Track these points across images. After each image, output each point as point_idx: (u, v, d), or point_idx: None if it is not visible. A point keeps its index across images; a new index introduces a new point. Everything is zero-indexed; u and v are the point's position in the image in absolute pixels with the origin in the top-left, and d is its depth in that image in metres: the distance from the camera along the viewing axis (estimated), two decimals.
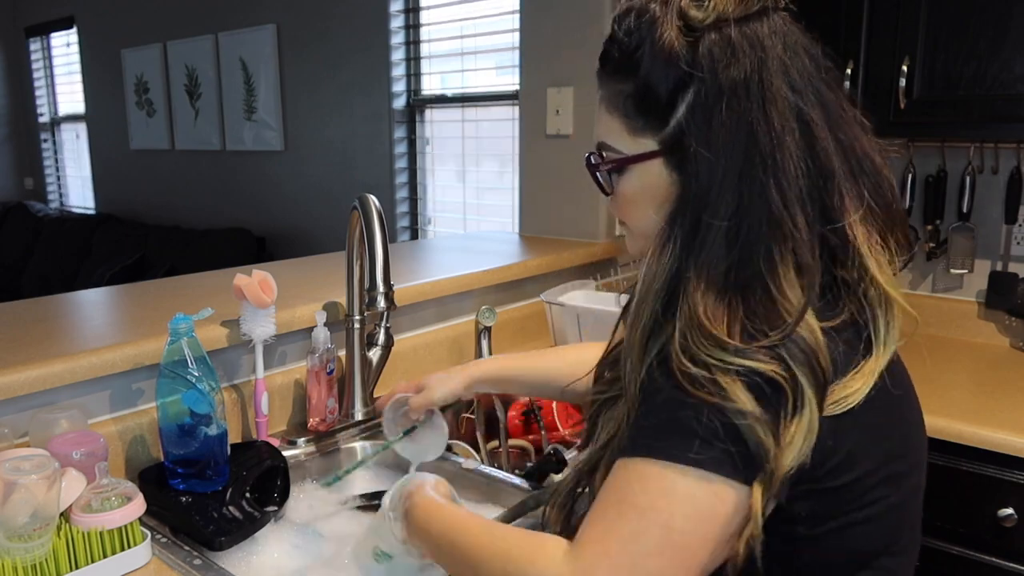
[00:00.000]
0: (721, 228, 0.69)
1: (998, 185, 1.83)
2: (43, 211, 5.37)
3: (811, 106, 0.71)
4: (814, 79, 0.72)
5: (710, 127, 0.70)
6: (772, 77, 0.70)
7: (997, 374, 1.67)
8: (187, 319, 1.10)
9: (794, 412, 0.65)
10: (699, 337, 0.66)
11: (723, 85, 0.69)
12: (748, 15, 0.71)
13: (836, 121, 0.72)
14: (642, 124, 0.75)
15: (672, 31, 0.71)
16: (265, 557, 1.08)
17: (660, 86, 0.72)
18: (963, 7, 1.55)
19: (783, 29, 0.73)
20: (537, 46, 2.29)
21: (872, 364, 0.70)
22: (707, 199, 0.70)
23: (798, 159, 0.69)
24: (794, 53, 0.72)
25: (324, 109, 3.64)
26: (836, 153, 0.71)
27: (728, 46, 0.70)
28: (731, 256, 0.68)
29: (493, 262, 1.90)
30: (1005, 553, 1.38)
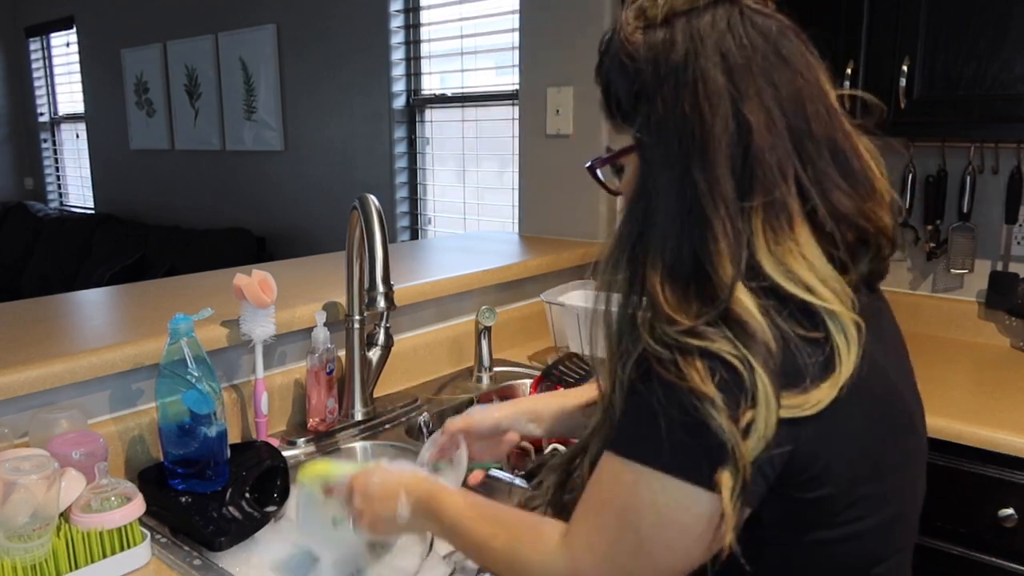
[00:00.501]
0: (662, 208, 0.71)
1: (998, 185, 1.83)
2: (43, 211, 5.37)
3: (750, 90, 0.70)
4: (766, 61, 0.72)
5: (650, 116, 0.73)
6: (705, 63, 0.71)
7: (997, 374, 1.67)
8: (187, 319, 1.10)
9: (751, 396, 0.65)
10: (660, 319, 0.69)
11: (660, 75, 0.72)
12: (695, 6, 0.73)
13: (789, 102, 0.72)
14: (619, 121, 0.78)
15: (631, 31, 0.75)
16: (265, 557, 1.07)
17: (619, 84, 0.76)
18: (963, 7, 1.55)
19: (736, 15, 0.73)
20: (537, 46, 2.29)
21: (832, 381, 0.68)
22: (654, 186, 0.73)
23: (727, 144, 0.70)
24: (740, 31, 0.72)
25: (324, 109, 3.64)
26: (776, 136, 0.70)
27: (670, 38, 0.72)
28: (676, 241, 0.70)
29: (493, 262, 1.90)
30: (1005, 553, 1.38)
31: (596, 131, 2.16)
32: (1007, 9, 1.51)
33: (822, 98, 0.74)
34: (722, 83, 0.70)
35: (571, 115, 2.22)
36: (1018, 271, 1.83)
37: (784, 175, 0.70)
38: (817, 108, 0.73)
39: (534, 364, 1.78)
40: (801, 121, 0.72)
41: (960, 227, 1.85)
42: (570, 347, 1.80)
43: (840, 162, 0.73)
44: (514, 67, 2.67)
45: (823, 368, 0.68)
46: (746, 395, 0.65)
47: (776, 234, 0.70)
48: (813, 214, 0.71)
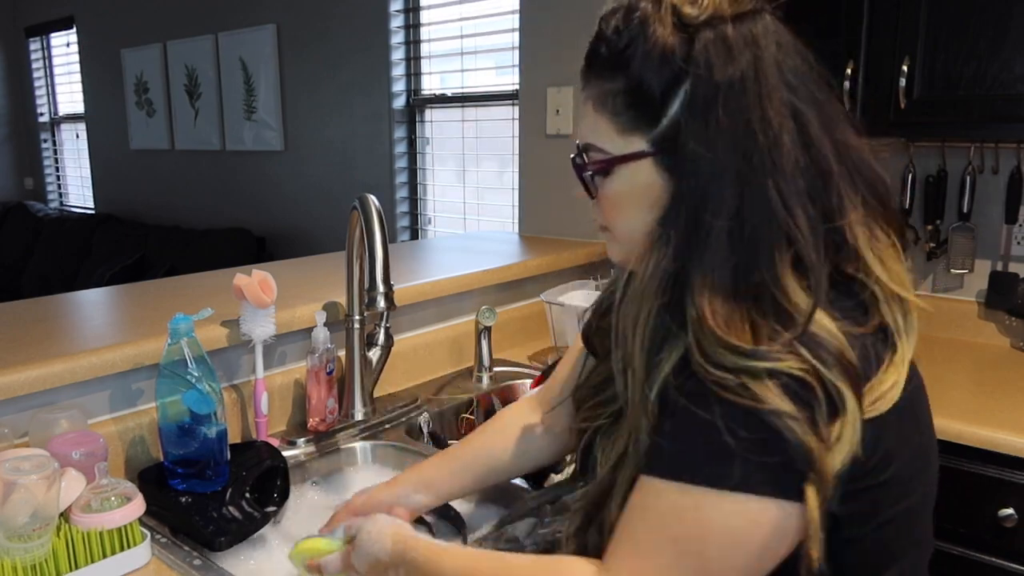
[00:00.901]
0: (722, 228, 0.67)
1: (998, 185, 1.83)
2: (43, 211, 5.37)
3: (806, 104, 0.70)
4: (807, 78, 0.72)
5: (707, 125, 0.68)
6: (768, 74, 0.69)
7: (997, 374, 1.67)
8: (187, 319, 1.10)
9: (831, 408, 0.63)
10: (714, 344, 0.64)
11: (720, 82, 0.68)
12: (742, 13, 0.70)
13: (830, 120, 0.72)
14: (632, 123, 0.73)
15: (665, 28, 0.70)
16: (265, 557, 1.07)
17: (653, 83, 0.70)
18: (963, 7, 1.55)
19: (775, 29, 0.72)
20: (537, 46, 2.29)
21: (899, 357, 0.69)
22: (706, 198, 0.68)
23: (796, 157, 0.68)
24: (787, 52, 0.72)
25: (324, 109, 3.64)
26: (832, 152, 0.71)
27: (724, 43, 0.69)
28: (735, 258, 0.66)
29: (493, 262, 1.90)
30: (1005, 553, 1.38)
31: None
32: (1007, 9, 1.51)
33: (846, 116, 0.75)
34: (786, 97, 0.69)
35: (571, 115, 2.22)
36: (1018, 271, 1.83)
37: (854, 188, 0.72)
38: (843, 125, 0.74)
39: (534, 364, 1.78)
40: (841, 137, 0.73)
41: (960, 227, 1.85)
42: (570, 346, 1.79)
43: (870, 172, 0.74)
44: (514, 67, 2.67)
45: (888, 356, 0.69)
46: (825, 407, 0.63)
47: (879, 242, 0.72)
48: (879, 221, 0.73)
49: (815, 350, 0.64)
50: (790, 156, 0.68)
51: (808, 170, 0.69)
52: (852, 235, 0.71)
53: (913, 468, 0.72)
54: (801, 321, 0.65)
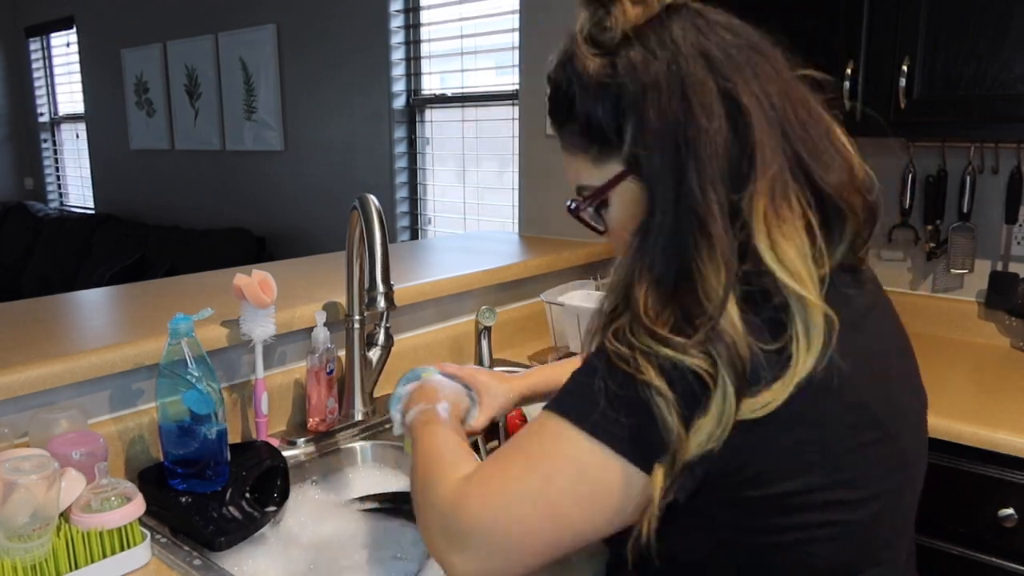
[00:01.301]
0: (660, 224, 0.70)
1: (998, 185, 1.83)
2: (43, 211, 5.37)
3: (736, 81, 0.71)
4: (738, 53, 0.72)
5: (642, 130, 0.71)
6: (687, 64, 0.70)
7: (997, 374, 1.67)
8: (187, 319, 1.10)
9: (705, 399, 0.65)
10: (637, 329, 0.68)
11: (644, 86, 0.71)
12: (651, 19, 0.73)
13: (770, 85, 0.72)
14: (601, 153, 0.77)
15: (590, 59, 0.74)
16: (265, 557, 1.07)
17: (599, 112, 0.74)
18: (963, 7, 1.55)
19: (696, 19, 0.73)
20: (537, 46, 2.29)
21: (792, 370, 0.66)
22: (652, 199, 0.71)
23: (724, 138, 0.69)
24: (711, 33, 0.73)
25: (324, 109, 3.64)
26: (769, 123, 0.70)
27: (642, 50, 0.72)
28: (667, 250, 0.69)
29: (493, 262, 1.90)
30: (1005, 553, 1.38)
31: None
32: (1007, 9, 1.51)
33: (796, 83, 0.75)
34: (710, 80, 0.70)
35: None
36: (1018, 271, 1.83)
37: (782, 157, 0.70)
38: (795, 93, 0.74)
39: (534, 364, 1.78)
40: (788, 107, 0.72)
41: (960, 227, 1.85)
42: (570, 347, 1.80)
43: (822, 143, 0.73)
44: (514, 67, 2.68)
45: (780, 368, 0.66)
46: (704, 403, 0.65)
47: (777, 215, 0.69)
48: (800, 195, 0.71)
49: (715, 343, 0.65)
50: (716, 138, 0.69)
51: (734, 150, 0.69)
52: (749, 206, 0.69)
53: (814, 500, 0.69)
54: (712, 311, 0.66)
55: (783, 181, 0.70)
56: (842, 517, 0.71)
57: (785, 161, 0.70)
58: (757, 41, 0.75)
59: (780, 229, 0.69)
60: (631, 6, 0.73)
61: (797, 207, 0.70)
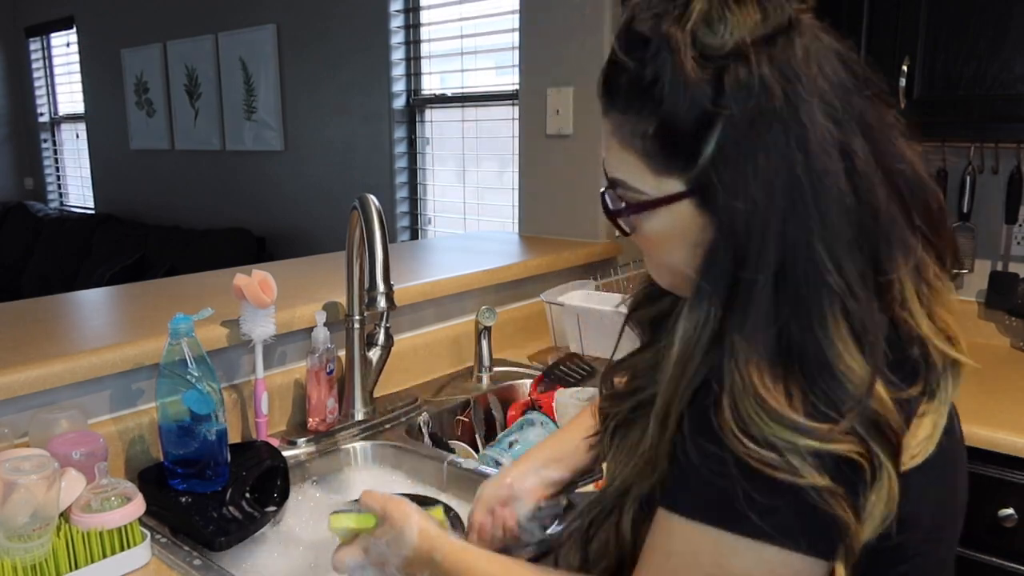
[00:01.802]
0: (764, 285, 0.60)
1: (998, 185, 1.83)
2: (43, 211, 5.37)
3: (853, 135, 0.63)
4: (854, 99, 0.64)
5: (741, 171, 0.61)
6: (808, 110, 0.61)
7: (997, 374, 1.67)
8: (187, 319, 1.10)
9: (873, 484, 0.60)
10: (758, 411, 0.59)
11: (754, 122, 0.61)
12: (773, 34, 0.62)
13: (880, 144, 0.64)
14: (665, 164, 0.66)
15: (692, 61, 0.62)
16: (265, 557, 1.08)
17: (683, 124, 0.63)
18: (963, 7, 1.55)
19: (815, 44, 0.64)
20: (537, 46, 2.29)
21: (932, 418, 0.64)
22: (745, 252, 0.61)
23: (843, 202, 0.61)
24: (831, 72, 0.63)
25: (324, 109, 3.64)
26: (882, 185, 0.63)
27: (755, 79, 0.61)
28: (780, 318, 0.60)
29: (493, 262, 1.90)
30: (1005, 553, 1.38)
31: (596, 131, 2.16)
32: (1007, 9, 1.51)
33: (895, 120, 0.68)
34: (831, 133, 0.61)
35: (571, 115, 2.22)
36: (1018, 271, 1.83)
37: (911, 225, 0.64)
38: (896, 141, 0.67)
39: (534, 364, 1.78)
40: (894, 162, 0.65)
41: (960, 227, 1.85)
42: (570, 347, 1.80)
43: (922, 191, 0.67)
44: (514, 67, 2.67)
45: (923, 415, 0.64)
46: (866, 483, 0.60)
47: (930, 285, 0.65)
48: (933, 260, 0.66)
49: (863, 422, 0.59)
50: (837, 202, 0.61)
51: (855, 213, 0.62)
52: (900, 284, 0.64)
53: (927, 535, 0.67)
54: (857, 393, 0.59)
55: (922, 257, 0.64)
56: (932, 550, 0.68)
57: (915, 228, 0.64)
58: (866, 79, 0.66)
59: (934, 298, 0.65)
60: (751, 14, 0.62)
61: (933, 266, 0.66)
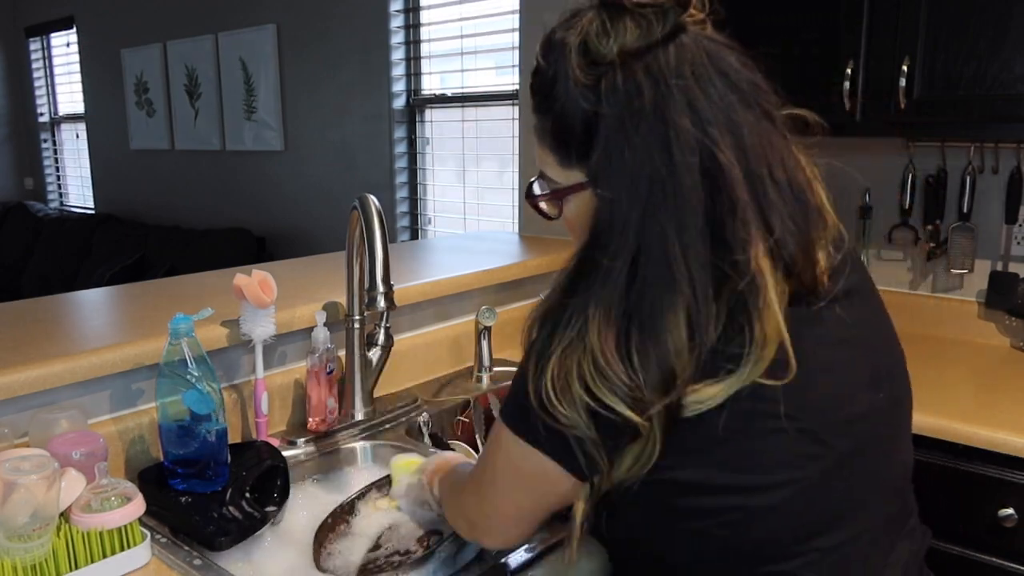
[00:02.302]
0: (620, 269, 0.69)
1: (998, 185, 1.83)
2: (43, 211, 5.37)
3: (719, 139, 0.69)
4: (727, 103, 0.70)
5: (611, 165, 0.70)
6: (674, 112, 0.69)
7: (997, 374, 1.67)
8: (187, 319, 1.10)
9: (632, 444, 0.71)
10: (588, 365, 0.68)
11: (624, 122, 0.69)
12: (651, 44, 0.70)
13: (751, 148, 0.71)
14: (567, 158, 0.77)
15: (580, 67, 0.72)
16: (265, 557, 1.07)
17: (572, 122, 0.73)
18: (963, 7, 1.55)
19: (692, 52, 0.71)
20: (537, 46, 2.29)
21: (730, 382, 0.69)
22: (609, 237, 0.71)
23: (701, 197, 0.68)
24: (703, 79, 0.70)
25: (324, 109, 3.64)
26: (745, 185, 0.69)
27: (630, 82, 0.70)
28: (630, 296, 0.69)
29: (493, 262, 1.90)
30: (1005, 553, 1.38)
31: None
32: (1007, 9, 1.51)
33: (778, 132, 0.74)
34: (694, 135, 0.69)
35: None
36: (1018, 271, 1.83)
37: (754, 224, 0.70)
38: (775, 146, 0.73)
39: None
40: (764, 165, 0.71)
41: (960, 227, 1.85)
42: None
43: (798, 199, 0.73)
44: (514, 67, 2.67)
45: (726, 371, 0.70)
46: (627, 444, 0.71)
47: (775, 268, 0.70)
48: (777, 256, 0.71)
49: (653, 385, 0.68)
50: (691, 196, 0.68)
51: (714, 207, 0.68)
52: (757, 266, 0.69)
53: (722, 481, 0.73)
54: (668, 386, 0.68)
55: (767, 246, 0.70)
56: (743, 502, 0.73)
57: (757, 227, 0.70)
58: (748, 90, 0.72)
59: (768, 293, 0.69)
60: (633, 27, 0.71)
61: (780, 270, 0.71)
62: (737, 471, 0.73)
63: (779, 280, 0.71)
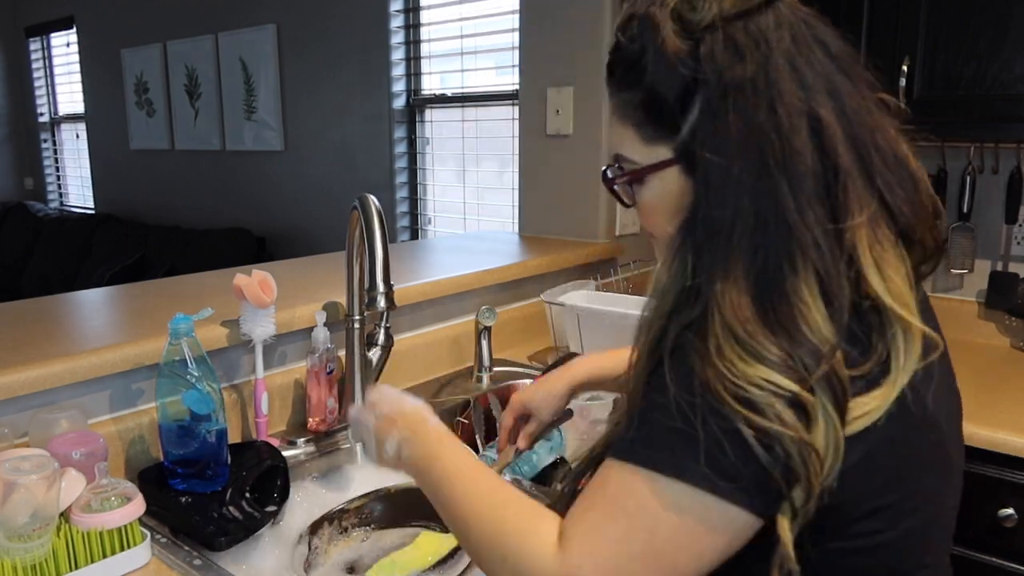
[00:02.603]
0: (740, 235, 0.66)
1: (998, 185, 1.83)
2: (43, 211, 5.37)
3: (822, 102, 0.68)
4: (827, 70, 0.70)
5: (716, 131, 0.68)
6: (778, 76, 0.67)
7: (997, 374, 1.67)
8: (187, 319, 1.10)
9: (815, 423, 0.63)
10: (733, 344, 0.63)
11: (728, 87, 0.67)
12: (750, 9, 0.69)
13: (853, 114, 0.69)
14: (654, 132, 0.73)
15: (673, 35, 0.69)
16: (265, 557, 1.07)
17: (667, 92, 0.70)
18: (963, 7, 1.55)
19: (790, 19, 0.70)
20: (537, 46, 2.29)
21: (890, 381, 0.66)
22: (721, 206, 0.67)
23: (810, 160, 0.66)
24: (803, 45, 0.69)
25: (324, 109, 3.64)
26: (850, 149, 0.68)
27: (731, 46, 0.68)
28: (755, 264, 0.65)
29: (493, 262, 1.90)
30: (1005, 553, 1.38)
31: (596, 131, 2.16)
32: (1007, 9, 1.51)
33: (875, 104, 0.73)
34: (799, 97, 0.67)
35: (571, 115, 2.22)
36: (1018, 271, 1.83)
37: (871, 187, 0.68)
38: (874, 116, 0.72)
39: (534, 364, 1.78)
40: (866, 133, 0.70)
41: (960, 227, 1.85)
42: (570, 347, 1.79)
43: (900, 169, 0.72)
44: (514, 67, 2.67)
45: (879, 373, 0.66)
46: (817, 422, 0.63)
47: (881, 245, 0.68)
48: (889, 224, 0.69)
49: (812, 368, 0.62)
50: (802, 159, 0.66)
51: (823, 172, 0.67)
52: (852, 237, 0.67)
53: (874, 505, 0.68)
54: (821, 350, 0.63)
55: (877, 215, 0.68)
56: (897, 521, 0.69)
57: (874, 190, 0.68)
58: (845, 60, 0.72)
59: (885, 259, 0.68)
60: None
61: (891, 235, 0.69)
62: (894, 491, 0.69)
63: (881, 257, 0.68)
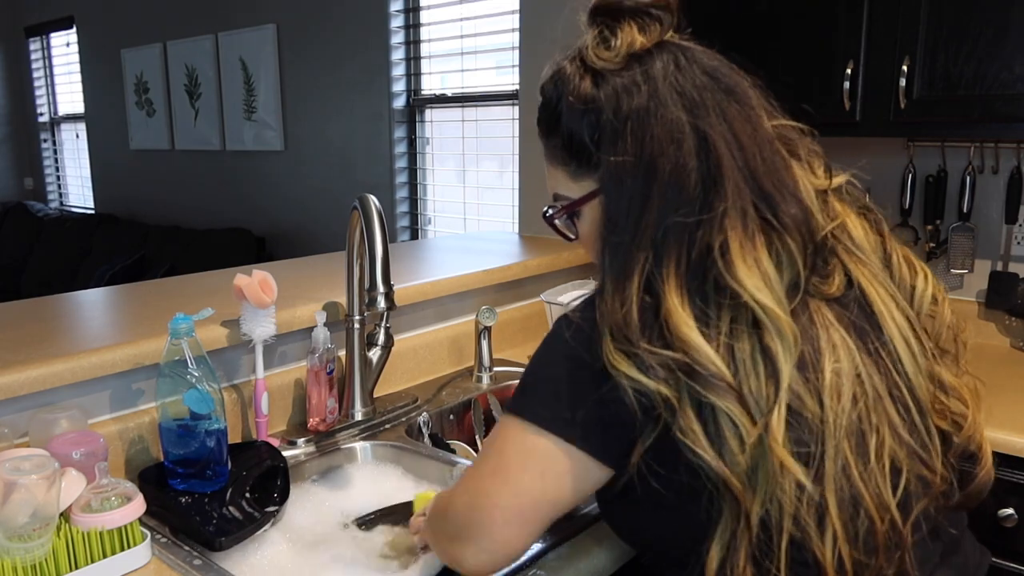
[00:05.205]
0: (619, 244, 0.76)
1: (998, 185, 1.83)
2: (43, 211, 5.37)
3: (713, 121, 0.77)
4: (713, 93, 0.78)
5: (615, 155, 0.77)
6: (663, 101, 0.77)
7: (997, 374, 1.67)
8: (187, 319, 1.10)
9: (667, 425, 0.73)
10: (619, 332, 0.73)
11: (625, 115, 0.77)
12: (641, 53, 0.80)
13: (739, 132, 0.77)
14: (578, 168, 0.84)
15: (581, 81, 0.81)
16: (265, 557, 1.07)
17: (582, 131, 0.81)
18: (963, 7, 1.55)
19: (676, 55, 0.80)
20: (537, 46, 2.29)
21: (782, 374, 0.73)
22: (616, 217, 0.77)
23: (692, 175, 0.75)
24: (687, 72, 0.79)
25: (324, 109, 3.64)
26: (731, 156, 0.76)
27: (626, 84, 0.79)
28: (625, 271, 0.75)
29: (493, 262, 1.90)
30: (1005, 553, 1.38)
31: None
32: (1007, 9, 1.50)
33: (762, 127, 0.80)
34: (684, 118, 0.76)
35: None
36: (1018, 271, 1.83)
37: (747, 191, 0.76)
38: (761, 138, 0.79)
39: None
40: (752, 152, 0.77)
41: (960, 227, 1.85)
42: None
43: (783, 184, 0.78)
44: (514, 67, 2.67)
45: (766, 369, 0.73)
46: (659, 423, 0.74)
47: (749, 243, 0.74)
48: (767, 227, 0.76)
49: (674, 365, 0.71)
50: (683, 171, 0.75)
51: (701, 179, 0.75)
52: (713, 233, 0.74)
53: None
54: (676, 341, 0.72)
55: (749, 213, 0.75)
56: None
57: (750, 195, 0.76)
58: (731, 85, 0.80)
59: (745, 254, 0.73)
60: (638, 33, 0.80)
61: (761, 237, 0.75)
62: None
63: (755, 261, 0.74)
